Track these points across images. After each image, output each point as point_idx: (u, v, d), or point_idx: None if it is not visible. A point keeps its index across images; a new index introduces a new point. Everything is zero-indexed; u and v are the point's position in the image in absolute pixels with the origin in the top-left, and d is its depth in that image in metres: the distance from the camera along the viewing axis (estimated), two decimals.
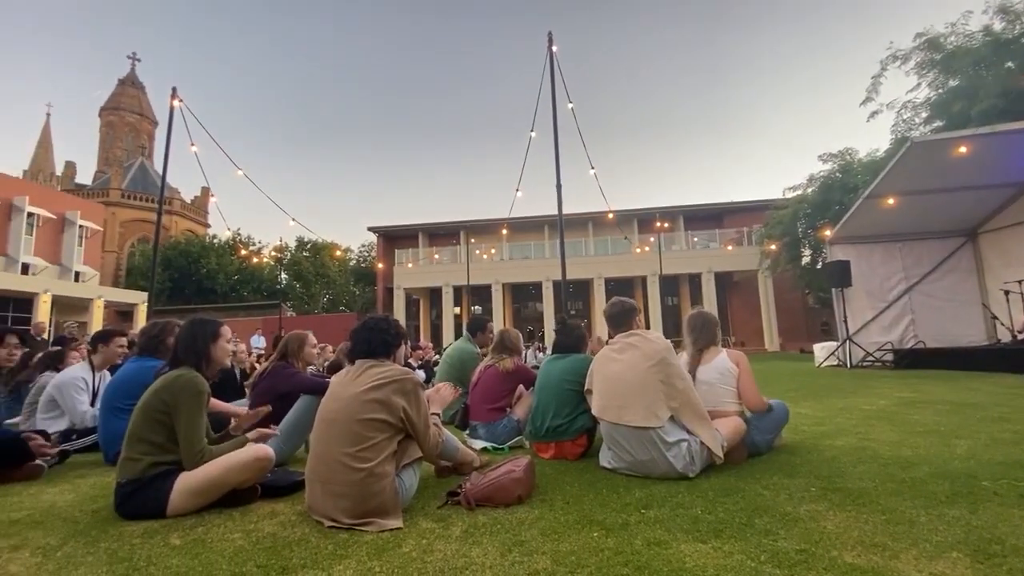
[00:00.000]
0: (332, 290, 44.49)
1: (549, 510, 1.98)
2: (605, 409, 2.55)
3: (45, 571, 1.54)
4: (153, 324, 3.38)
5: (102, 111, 50.08)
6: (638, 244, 26.56)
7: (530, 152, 8.53)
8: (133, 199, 42.26)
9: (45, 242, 24.76)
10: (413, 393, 2.07)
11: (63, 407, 3.70)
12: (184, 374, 2.18)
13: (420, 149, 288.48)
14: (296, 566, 1.52)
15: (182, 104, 8.32)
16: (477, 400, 3.59)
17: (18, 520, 2.05)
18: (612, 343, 2.72)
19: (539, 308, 28.80)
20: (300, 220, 11.67)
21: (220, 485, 2.07)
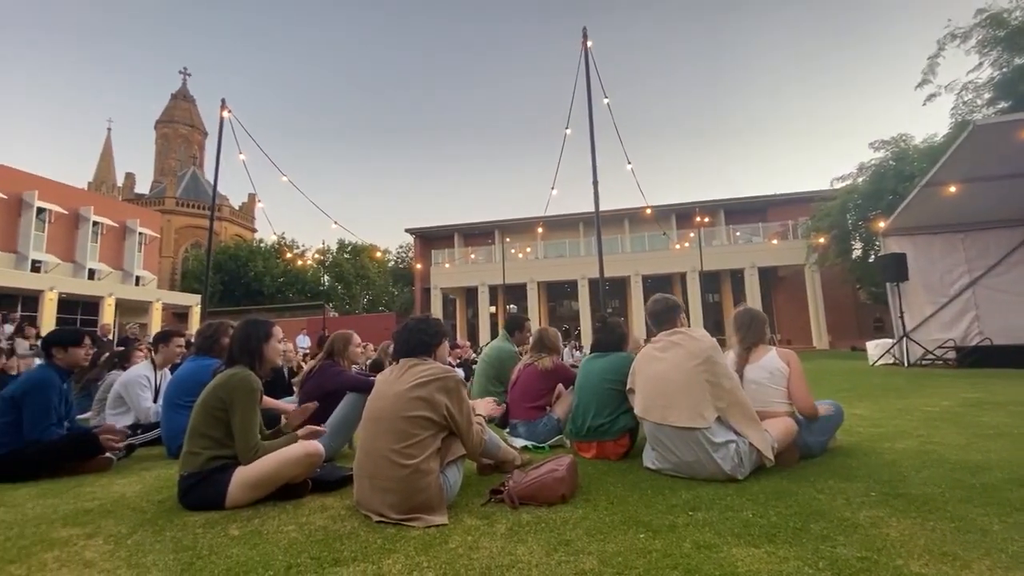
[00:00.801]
0: (372, 291, 45.62)
1: (593, 510, 1.97)
2: (648, 409, 2.49)
3: (117, 558, 1.64)
4: (208, 325, 3.56)
5: (157, 124, 53.08)
6: (677, 240, 25.94)
7: (565, 149, 8.48)
8: (186, 207, 44.57)
9: (108, 249, 26.45)
10: (455, 391, 2.09)
11: (129, 403, 3.95)
12: (238, 373, 2.28)
13: (455, 150, 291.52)
14: (347, 559, 1.57)
15: (230, 115, 8.72)
16: (516, 399, 3.60)
17: (91, 509, 2.20)
18: (655, 341, 2.65)
19: (574, 306, 28.59)
20: (340, 222, 11.99)
21: (274, 479, 2.16)
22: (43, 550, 1.72)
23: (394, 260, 47.97)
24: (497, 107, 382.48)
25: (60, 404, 3.06)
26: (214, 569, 1.51)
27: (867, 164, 18.23)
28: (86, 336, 3.32)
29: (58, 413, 3.04)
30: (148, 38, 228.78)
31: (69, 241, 24.41)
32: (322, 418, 3.20)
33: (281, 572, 1.48)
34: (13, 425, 2.87)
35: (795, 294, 25.74)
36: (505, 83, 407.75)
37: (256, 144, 9.29)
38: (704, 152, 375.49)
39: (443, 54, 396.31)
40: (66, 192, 24.80)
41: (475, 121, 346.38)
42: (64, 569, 1.56)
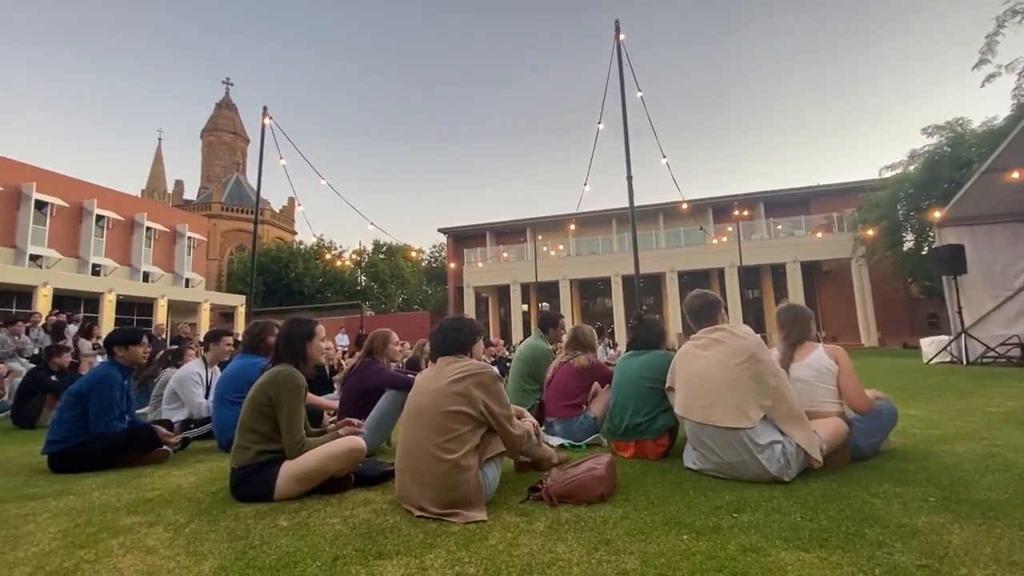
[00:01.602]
0: (406, 290, 46.41)
1: (633, 510, 1.94)
2: (689, 408, 2.43)
3: (176, 546, 1.73)
4: (255, 324, 3.70)
5: (203, 133, 55.53)
6: (714, 234, 25.26)
7: (596, 144, 8.39)
8: (231, 211, 46.47)
9: (160, 253, 27.88)
10: (491, 386, 2.11)
11: (183, 399, 4.15)
12: (284, 370, 2.37)
13: (487, 149, 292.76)
14: (391, 552, 1.60)
15: (271, 122, 9.04)
16: (552, 397, 3.58)
17: (151, 499, 2.32)
18: (695, 338, 2.58)
19: (607, 304, 28.27)
20: (376, 223, 12.24)
21: (319, 473, 2.23)
22: (109, 536, 1.83)
23: (427, 260, 48.64)
24: (528, 105, 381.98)
25: (122, 399, 3.24)
26: (265, 559, 1.57)
27: (919, 151, 17.23)
28: (144, 335, 3.52)
29: (120, 408, 3.23)
30: (194, 52, 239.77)
31: (125, 246, 25.86)
32: (363, 414, 3.29)
33: (328, 563, 1.53)
34: (80, 418, 3.06)
35: (841, 289, 24.66)
36: (537, 81, 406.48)
37: (296, 149, 9.61)
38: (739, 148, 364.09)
39: (474, 53, 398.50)
40: (122, 200, 26.27)
41: (506, 120, 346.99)
42: (128, 555, 1.65)
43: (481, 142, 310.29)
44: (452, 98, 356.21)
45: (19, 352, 7.57)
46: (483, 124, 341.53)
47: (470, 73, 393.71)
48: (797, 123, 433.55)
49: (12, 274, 19.02)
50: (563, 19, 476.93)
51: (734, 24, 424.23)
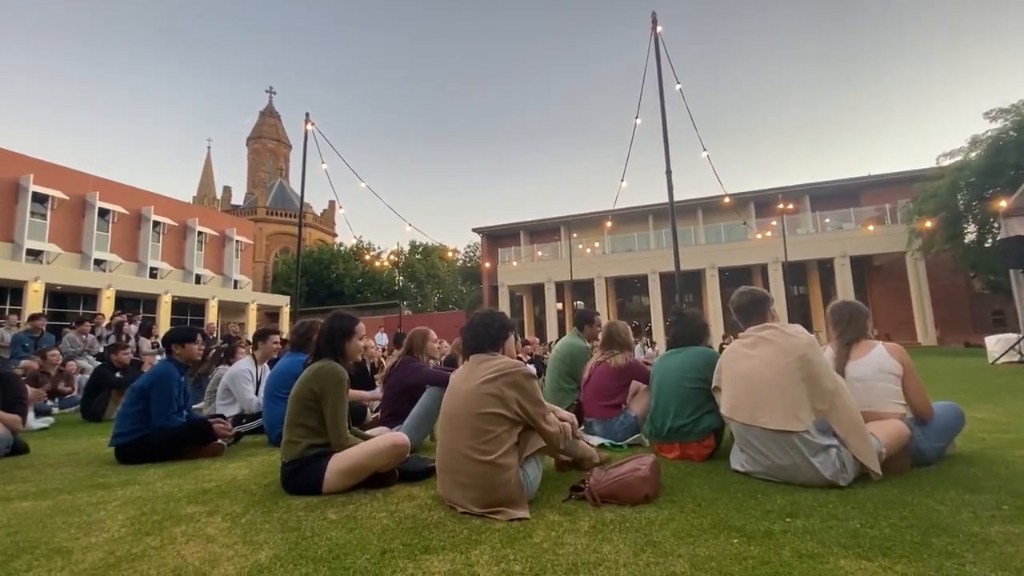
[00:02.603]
0: (442, 289, 47.06)
1: (680, 512, 1.90)
2: (736, 408, 2.35)
3: (234, 535, 1.81)
4: (301, 323, 3.84)
5: (248, 140, 57.86)
6: (757, 229, 24.40)
7: (631, 139, 8.25)
8: (275, 215, 48.26)
9: (211, 256, 29.26)
10: (524, 384, 2.07)
11: (235, 395, 4.35)
12: (325, 365, 2.44)
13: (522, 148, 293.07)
14: (436, 547, 1.62)
15: (314, 127, 9.35)
16: (590, 397, 3.54)
17: (209, 490, 2.44)
18: (743, 337, 2.48)
19: (644, 302, 27.80)
20: (413, 225, 12.45)
21: (365, 468, 2.29)
22: (172, 525, 1.93)
23: (462, 259, 49.13)
24: (563, 102, 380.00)
25: (179, 395, 3.43)
26: (317, 550, 1.63)
27: (981, 137, 16.17)
28: (198, 334, 3.71)
29: (178, 403, 3.41)
30: (239, 62, 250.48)
31: (179, 250, 27.28)
32: (404, 412, 3.35)
33: (376, 556, 1.56)
34: (143, 413, 3.24)
35: (894, 284, 23.39)
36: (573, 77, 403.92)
37: (337, 153, 9.91)
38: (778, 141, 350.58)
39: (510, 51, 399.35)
40: (176, 206, 27.73)
41: (540, 118, 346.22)
42: (191, 543, 1.74)
43: (515, 142, 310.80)
44: (486, 98, 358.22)
45: (87, 350, 8.11)
46: (517, 123, 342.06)
47: (505, 72, 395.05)
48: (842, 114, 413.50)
49: (80, 277, 20.40)
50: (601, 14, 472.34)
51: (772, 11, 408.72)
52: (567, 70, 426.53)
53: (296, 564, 1.52)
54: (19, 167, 20.26)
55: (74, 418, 5.91)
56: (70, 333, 8.20)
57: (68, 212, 22.04)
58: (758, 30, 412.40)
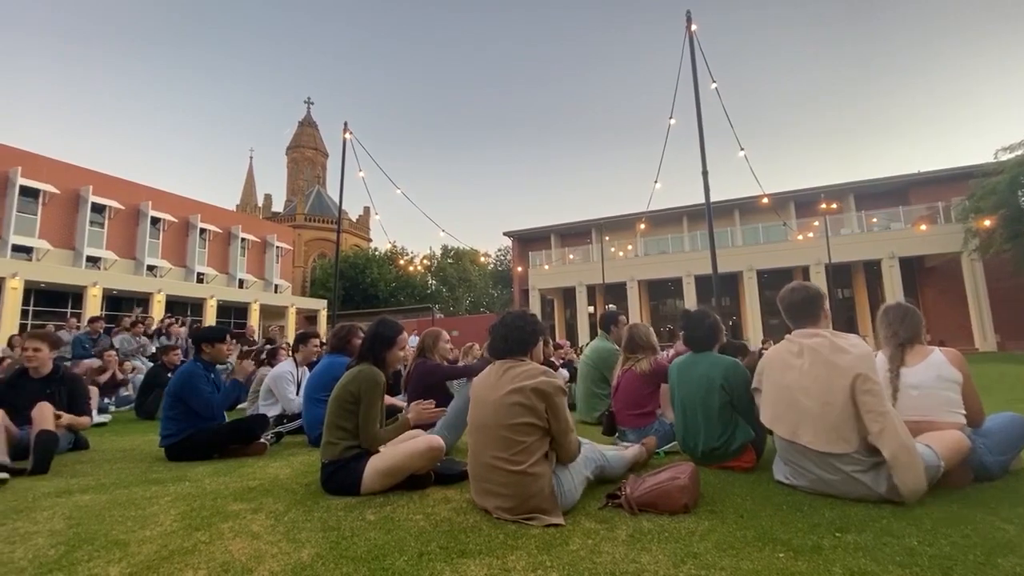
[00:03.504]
0: (473, 293, 47.38)
1: (721, 523, 1.84)
2: (777, 421, 2.23)
3: (278, 532, 1.86)
4: (340, 327, 3.93)
5: (288, 150, 59.92)
6: (798, 230, 23.54)
7: (665, 140, 8.11)
8: (313, 221, 49.75)
9: (253, 261, 30.40)
10: (553, 396, 2.01)
11: (277, 396, 4.49)
12: (364, 368, 2.48)
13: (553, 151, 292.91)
14: (473, 551, 1.63)
15: (351, 136, 9.61)
16: (621, 406, 3.45)
17: (254, 488, 2.52)
18: (790, 341, 2.31)
19: (679, 305, 27.23)
20: (443, 227, 12.60)
21: (402, 469, 2.32)
22: (220, 521, 2.01)
23: (493, 263, 49.40)
24: (594, 106, 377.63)
25: (212, 391, 3.51)
26: (357, 550, 1.66)
27: None
28: (228, 334, 3.81)
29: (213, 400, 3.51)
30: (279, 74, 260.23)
31: (223, 256, 28.46)
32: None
33: (414, 558, 1.58)
34: (183, 414, 3.37)
35: (948, 287, 22.10)
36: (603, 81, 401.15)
37: (374, 161, 10.16)
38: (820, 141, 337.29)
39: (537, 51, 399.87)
40: (220, 214, 28.97)
41: (572, 122, 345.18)
42: (238, 539, 1.80)
43: (547, 146, 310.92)
44: (518, 102, 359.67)
45: (140, 351, 8.54)
46: (549, 127, 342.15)
47: (537, 76, 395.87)
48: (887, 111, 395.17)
49: (135, 283, 21.57)
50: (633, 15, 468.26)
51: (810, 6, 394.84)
52: (599, 73, 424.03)
53: (337, 563, 1.55)
54: (80, 180, 21.62)
55: (129, 416, 6.24)
56: (124, 335, 8.66)
57: (123, 221, 23.35)
58: (795, 25, 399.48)
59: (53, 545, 1.76)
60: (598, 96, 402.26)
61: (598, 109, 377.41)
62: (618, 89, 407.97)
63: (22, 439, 3.12)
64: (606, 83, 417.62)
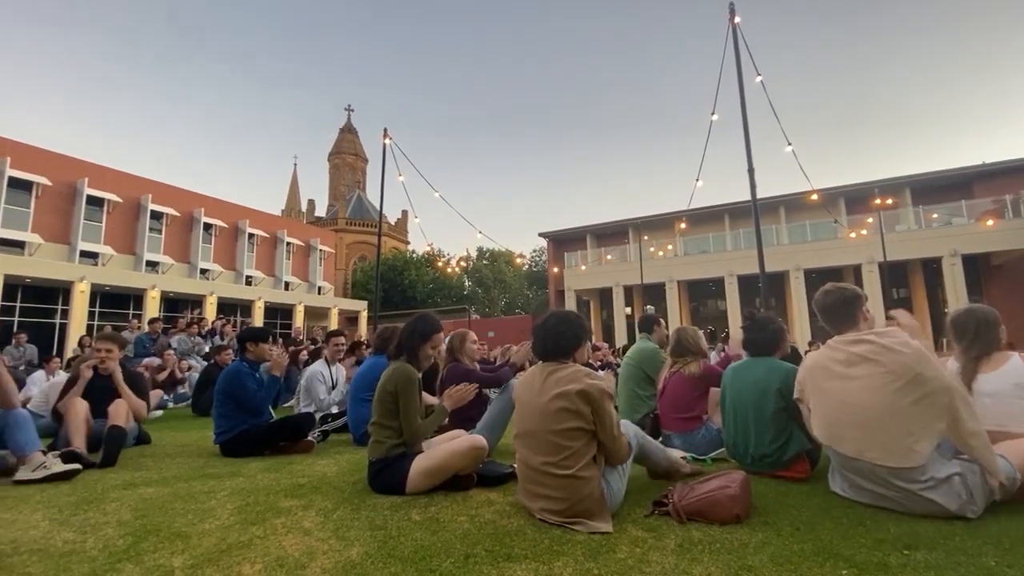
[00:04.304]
0: (508, 294, 47.50)
1: (776, 535, 1.76)
2: (835, 439, 2.10)
3: (327, 529, 1.91)
4: (384, 328, 4.03)
5: (329, 156, 61.89)
6: (849, 227, 22.41)
7: (707, 136, 7.89)
8: (354, 225, 51.21)
9: (297, 264, 31.49)
10: (599, 399, 1.97)
11: (311, 395, 4.64)
12: (398, 366, 2.53)
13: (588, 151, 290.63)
14: (519, 556, 1.62)
15: (391, 141, 9.83)
16: (667, 410, 3.38)
17: (303, 485, 2.60)
18: (832, 348, 2.18)
19: (720, 306, 26.43)
20: (480, 229, 12.69)
21: (445, 469, 2.35)
22: (273, 516, 2.08)
23: (528, 264, 49.38)
24: (631, 105, 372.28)
25: (259, 388, 3.65)
26: (404, 550, 1.68)
27: None
28: (271, 334, 3.96)
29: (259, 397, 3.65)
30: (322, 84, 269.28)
31: (270, 259, 29.62)
32: (466, 416, 3.36)
33: (460, 561, 1.59)
34: (234, 411, 3.53)
35: (1017, 286, 20.57)
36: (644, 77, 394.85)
37: (413, 166, 10.39)
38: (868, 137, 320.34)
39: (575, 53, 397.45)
40: (267, 219, 30.17)
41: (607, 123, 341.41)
42: (290, 534, 1.86)
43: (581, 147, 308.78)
44: (552, 102, 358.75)
45: (195, 351, 9.00)
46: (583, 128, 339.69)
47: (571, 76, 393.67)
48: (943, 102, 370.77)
49: (189, 285, 22.75)
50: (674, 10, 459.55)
51: None
52: (639, 72, 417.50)
53: (385, 563, 1.58)
54: (140, 189, 22.99)
55: (186, 412, 6.58)
56: (181, 335, 9.13)
57: (179, 227, 24.66)
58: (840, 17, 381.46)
59: (121, 536, 1.86)
60: (637, 97, 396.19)
61: (636, 110, 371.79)
62: (657, 87, 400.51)
63: (98, 431, 3.33)
64: (646, 82, 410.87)
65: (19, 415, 2.83)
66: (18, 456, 2.74)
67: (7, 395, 2.85)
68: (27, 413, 2.93)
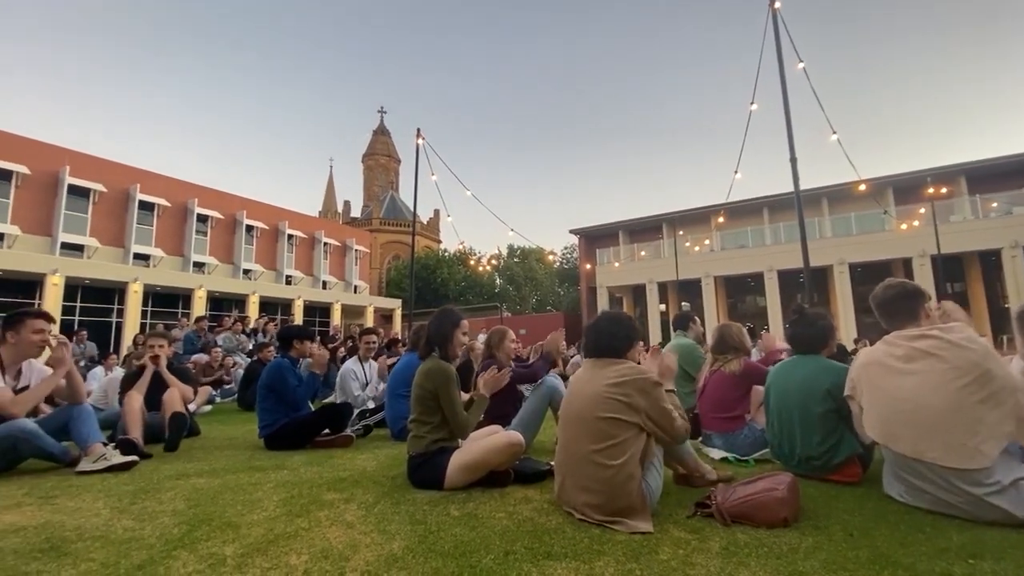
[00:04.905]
0: (539, 292, 47.44)
1: (828, 540, 1.69)
2: (892, 438, 2.00)
3: (369, 523, 1.95)
4: (421, 326, 4.09)
5: (363, 158, 63.21)
6: (897, 218, 21.29)
7: (746, 126, 7.63)
8: (388, 225, 52.19)
9: (334, 264, 32.34)
10: (652, 392, 1.98)
11: (344, 391, 4.75)
12: (433, 363, 2.56)
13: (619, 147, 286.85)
14: (558, 554, 1.61)
15: (424, 141, 9.96)
16: (707, 410, 3.29)
17: (345, 479, 2.66)
18: (891, 344, 2.10)
19: (759, 302, 25.60)
20: (511, 227, 12.70)
21: (482, 465, 2.36)
22: (317, 509, 2.13)
23: (559, 261, 49.18)
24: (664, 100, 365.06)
25: (298, 383, 3.75)
26: (443, 545, 1.69)
27: None
28: (314, 333, 4.08)
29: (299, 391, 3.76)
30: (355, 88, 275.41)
31: (308, 259, 30.52)
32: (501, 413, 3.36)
33: (500, 557, 1.59)
34: (275, 404, 3.65)
35: None
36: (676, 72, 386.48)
37: (445, 165, 10.48)
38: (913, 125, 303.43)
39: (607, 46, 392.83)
40: (305, 220, 31.09)
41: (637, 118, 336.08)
42: (334, 527, 1.90)
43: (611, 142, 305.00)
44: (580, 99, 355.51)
45: (240, 348, 9.36)
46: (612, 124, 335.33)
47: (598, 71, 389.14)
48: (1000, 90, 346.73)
49: (233, 285, 23.71)
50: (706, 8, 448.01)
51: None
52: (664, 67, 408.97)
53: (426, 557, 1.59)
54: (186, 193, 24.10)
55: (232, 407, 6.85)
56: (226, 333, 9.52)
57: (223, 229, 25.71)
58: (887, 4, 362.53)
59: (176, 524, 1.95)
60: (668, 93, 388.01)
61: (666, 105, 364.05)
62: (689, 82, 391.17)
63: (152, 422, 3.52)
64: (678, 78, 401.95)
65: (84, 409, 3.01)
66: (81, 448, 2.91)
67: (78, 392, 3.05)
68: (91, 408, 3.11)
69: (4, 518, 2.04)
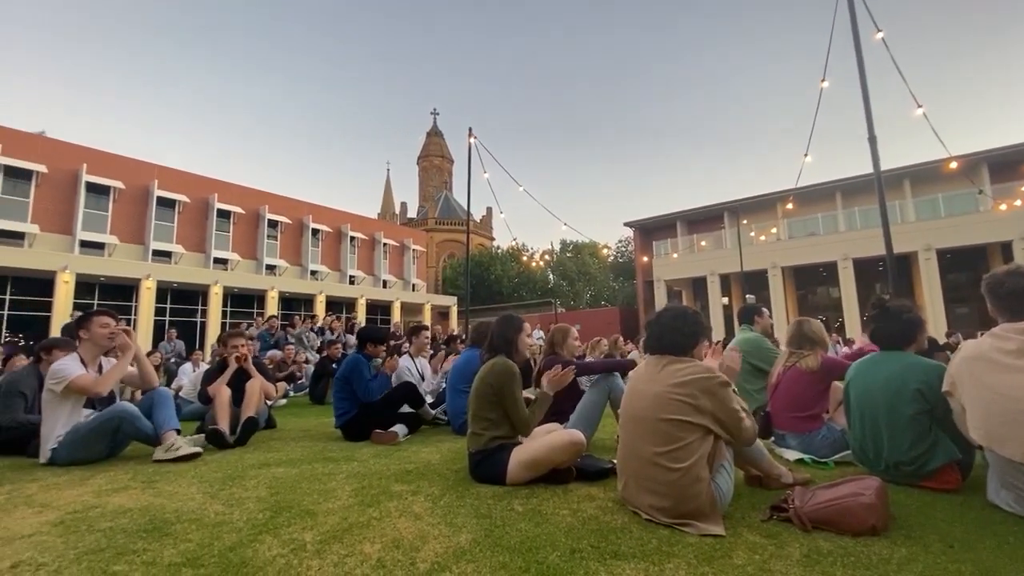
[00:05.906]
0: (593, 286, 46.85)
1: (924, 551, 1.56)
2: (997, 438, 1.83)
3: (436, 515, 2.00)
4: (480, 323, 4.20)
5: (418, 160, 64.90)
6: (994, 198, 19.19)
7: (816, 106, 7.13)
8: (442, 224, 53.37)
9: (393, 263, 33.47)
10: (719, 392, 1.90)
11: None
12: (498, 362, 2.58)
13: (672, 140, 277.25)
14: (626, 554, 1.58)
15: (476, 140, 10.09)
16: (780, 408, 3.10)
17: (411, 471, 2.75)
18: (998, 337, 1.91)
19: (833, 293, 23.96)
20: (565, 221, 12.61)
21: (545, 463, 2.36)
22: (386, 500, 2.21)
23: (613, 255, 48.29)
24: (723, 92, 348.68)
25: (371, 379, 3.98)
26: (509, 540, 1.71)
27: None
28: (387, 337, 4.29)
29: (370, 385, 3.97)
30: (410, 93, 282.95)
31: (369, 259, 31.78)
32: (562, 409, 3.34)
33: (567, 555, 1.58)
34: (350, 395, 3.89)
35: None
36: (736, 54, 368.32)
37: (498, 163, 10.59)
38: None
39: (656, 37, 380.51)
40: (365, 222, 32.39)
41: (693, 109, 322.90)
42: (402, 518, 1.97)
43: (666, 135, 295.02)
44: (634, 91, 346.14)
45: (310, 345, 9.89)
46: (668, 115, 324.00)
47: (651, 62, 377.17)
48: None
49: (301, 286, 25.14)
50: None
51: None
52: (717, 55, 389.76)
53: (493, 551, 1.62)
54: (258, 201, 25.76)
55: (304, 400, 7.26)
56: (296, 331, 10.09)
57: (292, 233, 27.28)
58: None
59: (260, 510, 2.09)
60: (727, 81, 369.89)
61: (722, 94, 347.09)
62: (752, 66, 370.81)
63: (236, 415, 3.80)
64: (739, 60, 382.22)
65: (161, 393, 3.33)
66: (158, 432, 3.15)
67: (149, 377, 3.38)
68: (168, 391, 3.43)
69: (115, 500, 2.27)
